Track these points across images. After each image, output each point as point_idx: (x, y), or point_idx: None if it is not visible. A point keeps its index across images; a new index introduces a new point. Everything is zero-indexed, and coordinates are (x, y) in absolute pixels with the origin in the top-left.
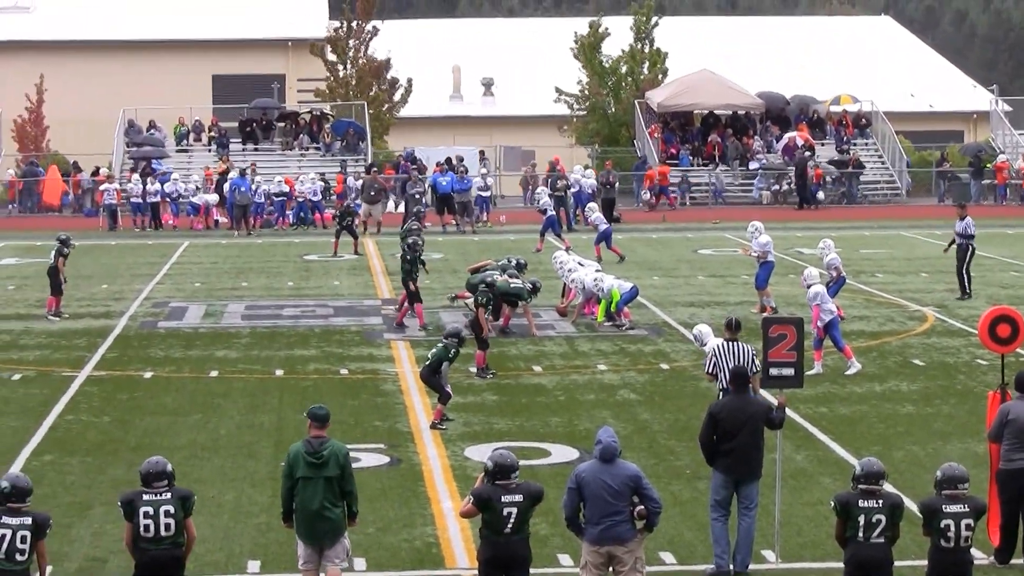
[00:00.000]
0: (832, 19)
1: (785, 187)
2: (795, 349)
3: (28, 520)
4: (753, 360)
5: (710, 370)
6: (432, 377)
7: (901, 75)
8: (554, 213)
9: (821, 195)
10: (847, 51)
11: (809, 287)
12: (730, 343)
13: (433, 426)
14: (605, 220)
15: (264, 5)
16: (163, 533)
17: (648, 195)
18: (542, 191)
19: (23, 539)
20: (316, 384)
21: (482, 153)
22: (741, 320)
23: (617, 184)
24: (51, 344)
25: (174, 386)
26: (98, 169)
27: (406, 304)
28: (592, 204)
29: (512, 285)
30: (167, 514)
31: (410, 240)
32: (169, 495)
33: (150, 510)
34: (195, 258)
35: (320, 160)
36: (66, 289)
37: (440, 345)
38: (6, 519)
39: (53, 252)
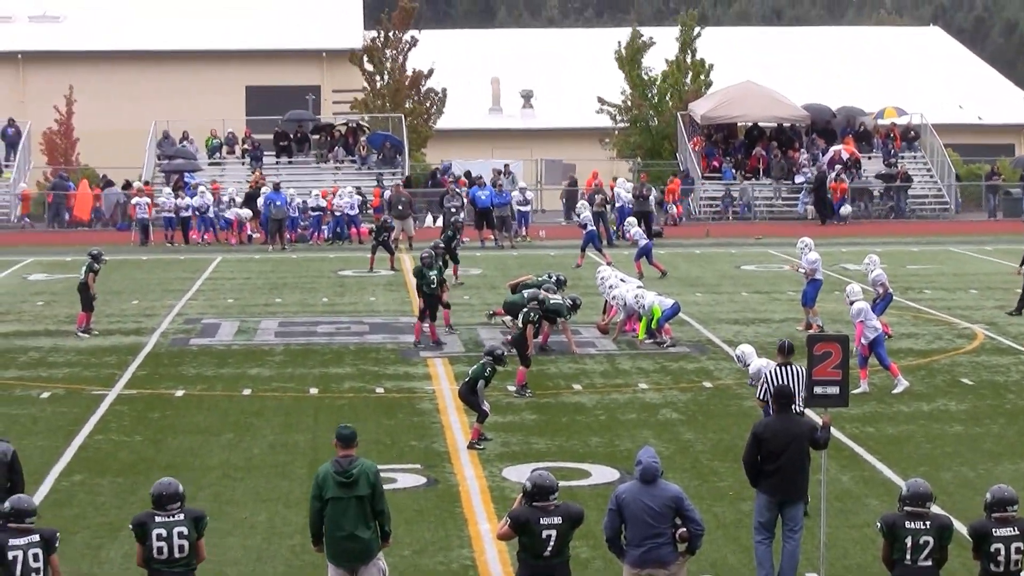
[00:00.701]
0: (879, 29)
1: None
2: (840, 367)
3: (36, 537)
4: (800, 391)
5: (761, 396)
6: (470, 395)
7: (950, 87)
8: (594, 228)
9: (847, 209)
10: (895, 62)
11: (852, 304)
12: (783, 367)
13: (471, 446)
14: (645, 235)
15: (299, 15)
16: (176, 555)
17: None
18: (583, 205)
19: (35, 557)
20: (351, 403)
21: (506, 167)
22: (794, 343)
23: (653, 197)
24: (80, 362)
25: (206, 405)
26: (129, 183)
27: (428, 320)
28: (631, 219)
29: (551, 302)
30: (180, 536)
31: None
32: (182, 516)
33: (163, 532)
34: (228, 273)
35: (356, 173)
36: (96, 305)
37: (480, 363)
38: (13, 541)
39: (84, 268)
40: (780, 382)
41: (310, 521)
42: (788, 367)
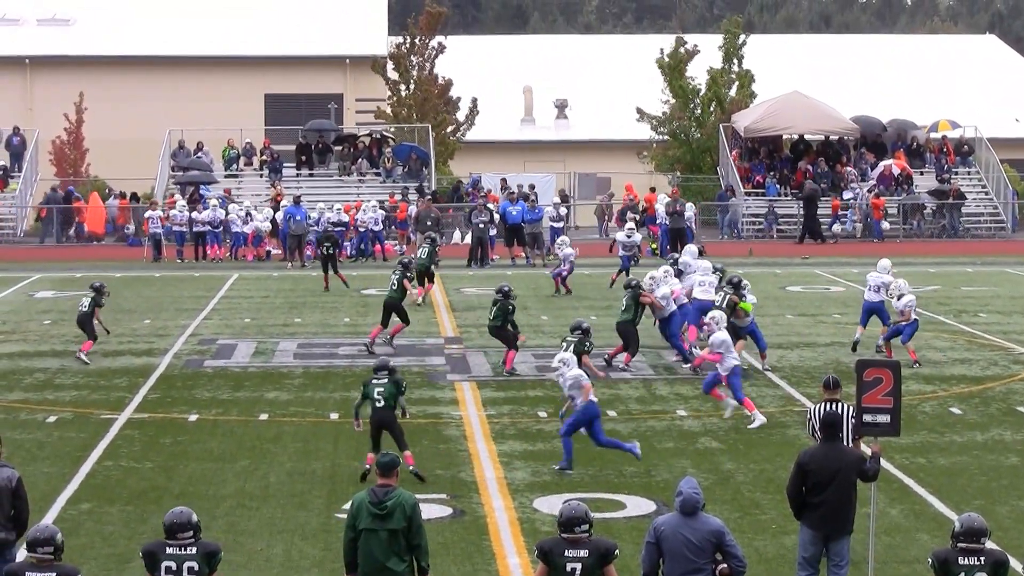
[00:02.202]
0: (933, 38)
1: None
2: (891, 394)
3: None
4: (851, 421)
5: (810, 432)
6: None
7: (1007, 99)
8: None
9: (886, 225)
10: (949, 72)
11: (710, 336)
12: (829, 404)
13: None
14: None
15: (320, 20)
16: None
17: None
18: (631, 228)
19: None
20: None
21: (532, 187)
22: (840, 378)
23: (686, 212)
24: (89, 384)
25: (221, 430)
26: (135, 195)
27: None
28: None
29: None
30: (191, 571)
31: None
32: (194, 550)
33: (173, 565)
34: (245, 292)
35: (380, 187)
36: (104, 328)
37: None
38: (30, 574)
39: (88, 301)
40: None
41: (343, 549)
42: (836, 404)
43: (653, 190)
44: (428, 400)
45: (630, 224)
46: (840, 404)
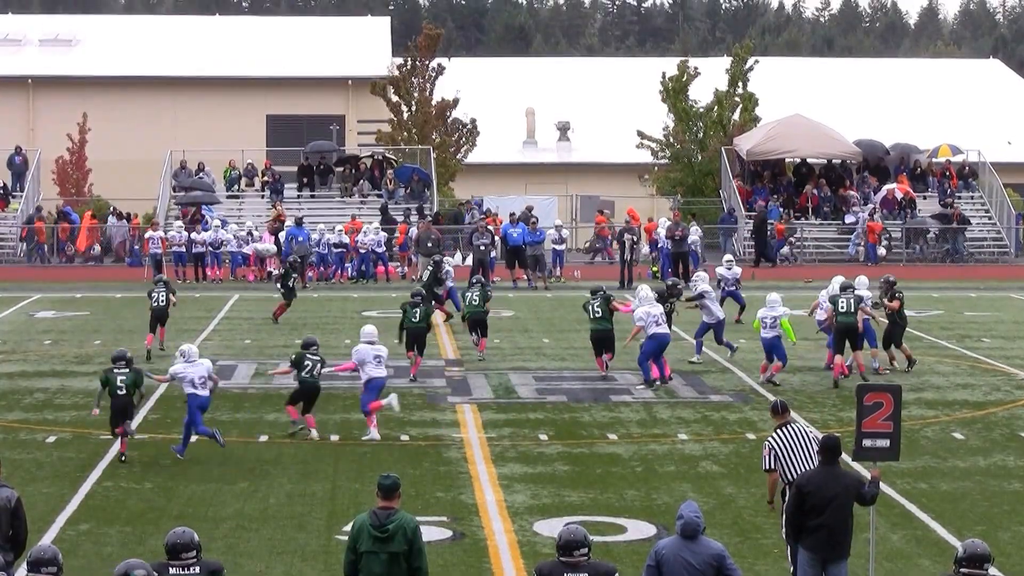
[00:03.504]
0: (936, 62)
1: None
2: (891, 419)
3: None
4: (815, 439)
5: (769, 466)
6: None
7: (1010, 123)
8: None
9: (882, 250)
10: (953, 96)
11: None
12: (784, 428)
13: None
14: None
15: (322, 41)
16: None
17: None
18: (700, 277)
19: None
20: (374, 451)
21: (529, 209)
22: (788, 402)
23: (699, 236)
24: (88, 404)
25: (220, 451)
26: (129, 215)
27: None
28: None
29: None
30: None
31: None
32: (197, 569)
33: None
34: (245, 313)
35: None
36: (105, 344)
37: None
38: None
39: (162, 295)
40: (788, 447)
41: (344, 572)
42: (788, 426)
43: (651, 220)
44: (429, 422)
45: (699, 274)
46: (795, 427)
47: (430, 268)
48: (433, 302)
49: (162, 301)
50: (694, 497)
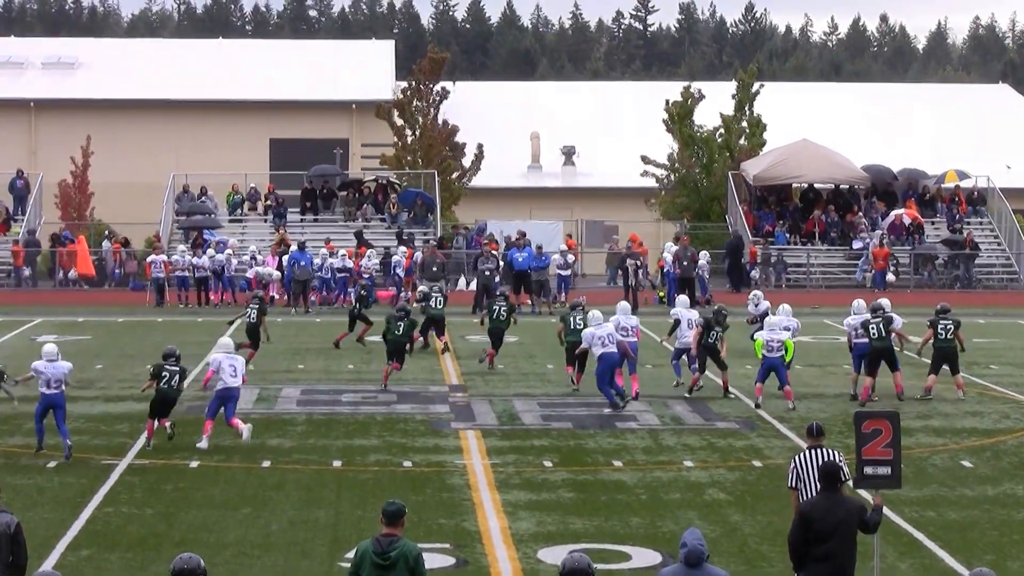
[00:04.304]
0: (945, 87)
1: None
2: (891, 446)
3: None
4: (843, 466)
5: (792, 484)
6: None
7: (1019, 148)
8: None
9: (891, 277)
10: (962, 122)
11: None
12: (813, 451)
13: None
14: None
15: (326, 64)
16: None
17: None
18: (756, 295)
19: None
20: (377, 477)
21: (523, 234)
22: (824, 425)
23: (706, 261)
24: (90, 429)
25: (223, 477)
26: (127, 240)
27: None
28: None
29: None
30: None
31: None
32: None
33: None
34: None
35: (385, 232)
36: (109, 369)
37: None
38: None
39: (254, 311)
40: (812, 467)
41: None
42: (820, 450)
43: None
44: (432, 448)
45: (755, 293)
46: (826, 451)
47: (438, 294)
48: (436, 333)
49: (253, 317)
50: (700, 525)
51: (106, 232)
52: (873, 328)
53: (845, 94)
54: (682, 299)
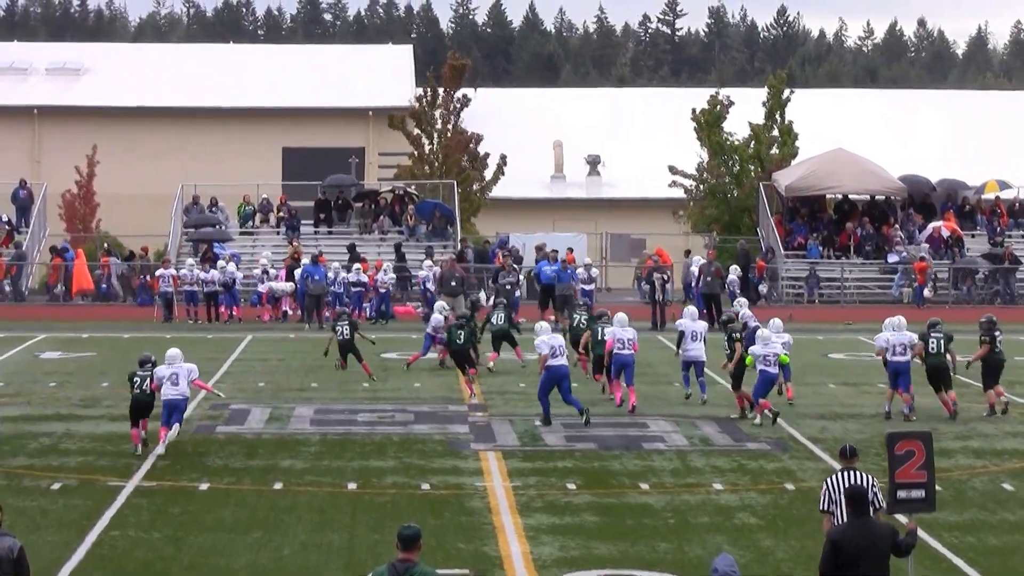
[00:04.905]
0: (985, 94)
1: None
2: (924, 468)
3: None
4: (876, 492)
5: (824, 507)
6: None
7: None
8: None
9: (928, 292)
10: (1003, 130)
11: None
12: (846, 473)
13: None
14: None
15: (341, 70)
16: None
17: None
18: (741, 302)
19: None
20: (394, 500)
21: (540, 248)
22: (857, 447)
23: (736, 276)
24: (95, 449)
25: (233, 499)
26: (132, 253)
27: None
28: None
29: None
30: None
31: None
32: None
33: None
34: (259, 354)
35: (403, 246)
36: (114, 388)
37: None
38: None
39: (346, 327)
40: (839, 488)
41: None
42: (852, 472)
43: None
44: (450, 470)
45: (740, 300)
46: (858, 473)
47: (501, 311)
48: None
49: (346, 334)
50: (729, 550)
51: (104, 245)
52: (933, 343)
53: (881, 101)
54: (689, 310)
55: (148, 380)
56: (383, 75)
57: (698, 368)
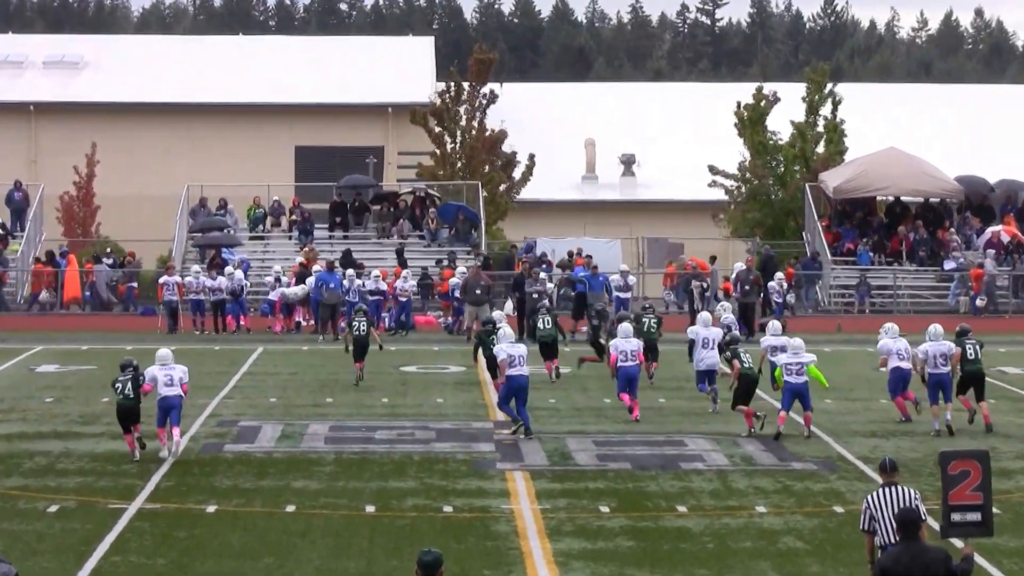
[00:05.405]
0: None
1: None
2: (980, 489)
3: None
4: (919, 508)
5: (866, 526)
6: None
7: None
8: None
9: (980, 302)
10: None
11: None
12: (888, 489)
13: None
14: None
15: (358, 63)
16: None
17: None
18: (724, 306)
19: None
20: (414, 523)
21: (570, 254)
22: (897, 460)
23: (772, 283)
24: (95, 469)
25: (242, 523)
26: (123, 260)
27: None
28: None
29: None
30: None
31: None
32: None
33: None
34: (271, 367)
35: (424, 251)
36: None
37: None
38: None
39: (363, 323)
40: (887, 507)
41: None
42: (893, 488)
43: (727, 279)
44: (475, 492)
45: (723, 304)
46: (901, 488)
47: (547, 315)
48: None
49: (363, 330)
50: None
51: (108, 250)
52: (970, 349)
53: (936, 96)
54: (703, 316)
55: (129, 384)
56: (403, 69)
57: (711, 377)
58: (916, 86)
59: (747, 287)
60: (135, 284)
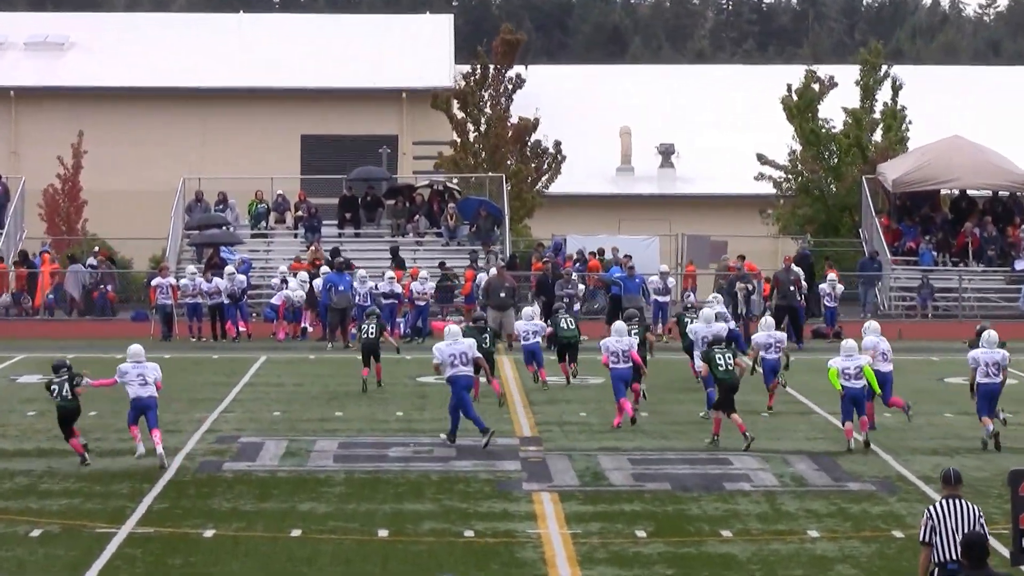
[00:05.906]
0: None
1: None
2: None
3: None
4: (984, 529)
5: (926, 538)
6: None
7: None
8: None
9: None
10: None
11: None
12: (951, 501)
13: None
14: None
15: (370, 44)
16: None
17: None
18: (715, 297)
19: None
20: (431, 549)
21: (586, 254)
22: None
23: (823, 285)
24: (82, 490)
25: (243, 549)
26: (104, 259)
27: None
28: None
29: None
30: None
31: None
32: None
33: None
34: (274, 378)
35: (442, 250)
36: (106, 418)
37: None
38: None
39: (373, 327)
40: (949, 521)
41: None
42: (956, 500)
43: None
44: (499, 514)
45: (714, 295)
46: (964, 502)
47: (570, 316)
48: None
49: (372, 333)
50: None
51: (96, 249)
52: None
53: (1005, 80)
54: (704, 313)
55: (66, 386)
56: (418, 50)
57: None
58: (983, 68)
59: (790, 288)
60: (109, 287)
